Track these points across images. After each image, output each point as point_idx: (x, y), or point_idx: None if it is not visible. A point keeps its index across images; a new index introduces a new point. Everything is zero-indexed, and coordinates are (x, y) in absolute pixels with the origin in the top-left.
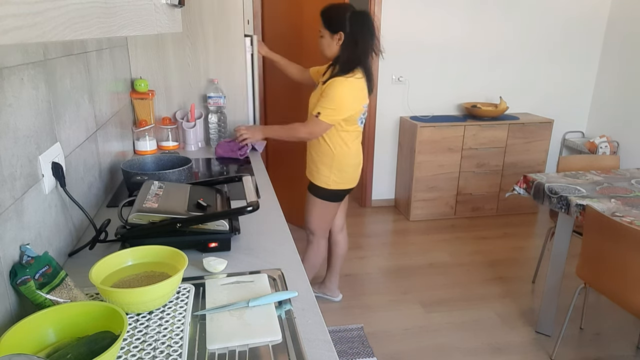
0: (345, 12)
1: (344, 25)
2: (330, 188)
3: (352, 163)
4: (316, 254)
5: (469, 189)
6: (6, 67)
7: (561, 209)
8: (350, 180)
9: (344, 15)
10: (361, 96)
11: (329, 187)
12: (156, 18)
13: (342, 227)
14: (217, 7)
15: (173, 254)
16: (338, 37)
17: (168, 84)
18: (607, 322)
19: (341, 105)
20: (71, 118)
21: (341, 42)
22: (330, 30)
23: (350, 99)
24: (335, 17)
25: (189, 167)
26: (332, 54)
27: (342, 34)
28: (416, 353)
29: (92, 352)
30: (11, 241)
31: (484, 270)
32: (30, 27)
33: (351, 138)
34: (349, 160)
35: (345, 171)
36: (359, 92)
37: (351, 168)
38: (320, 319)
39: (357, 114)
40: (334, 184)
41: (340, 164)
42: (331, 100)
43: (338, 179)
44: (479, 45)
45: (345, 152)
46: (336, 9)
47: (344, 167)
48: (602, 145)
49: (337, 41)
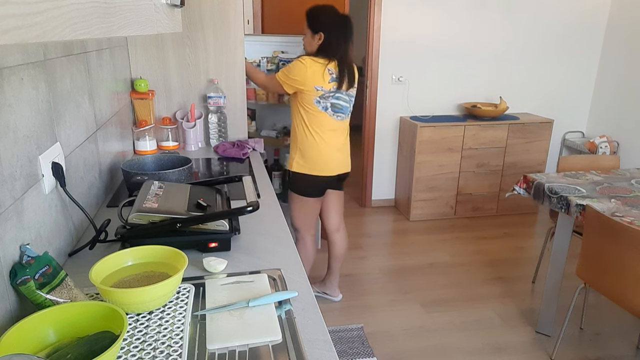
0: (327, 14)
1: (324, 26)
2: (293, 170)
3: (317, 149)
4: (304, 250)
5: (469, 189)
6: (6, 67)
7: (561, 209)
8: (314, 168)
9: (326, 17)
10: (312, 74)
11: (292, 169)
12: (156, 18)
13: (337, 227)
14: (217, 7)
15: (173, 254)
16: (318, 37)
17: (168, 84)
18: (607, 322)
19: (292, 71)
20: (71, 118)
21: (321, 41)
22: (312, 30)
23: (301, 69)
24: (317, 19)
25: (189, 167)
26: (312, 51)
27: (322, 34)
28: (416, 353)
29: (92, 352)
30: (11, 241)
31: (484, 270)
32: (30, 27)
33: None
34: (312, 144)
35: (311, 156)
36: (310, 68)
37: (317, 156)
38: (320, 319)
39: (309, 92)
40: (297, 166)
41: (303, 146)
42: (288, 68)
43: (302, 162)
44: (479, 45)
45: (308, 134)
46: (320, 11)
47: (308, 150)
48: (602, 145)
49: (317, 40)
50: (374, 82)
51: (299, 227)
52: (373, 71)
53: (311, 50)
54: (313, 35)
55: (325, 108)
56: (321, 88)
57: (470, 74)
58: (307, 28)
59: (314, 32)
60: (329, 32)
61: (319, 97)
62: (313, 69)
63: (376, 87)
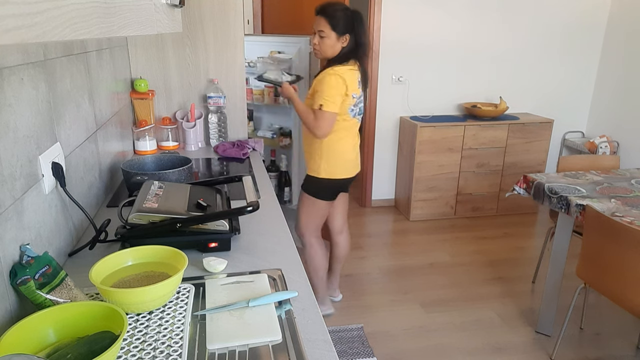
0: (349, 12)
1: (350, 26)
2: (320, 177)
3: (342, 152)
4: (313, 255)
5: (469, 189)
6: (6, 67)
7: (561, 209)
8: (341, 171)
9: (350, 16)
10: (350, 83)
11: (319, 176)
12: (156, 18)
13: (341, 229)
14: (217, 7)
15: (173, 254)
16: (344, 39)
17: (168, 84)
18: (607, 322)
19: (332, 92)
20: (71, 118)
21: (346, 43)
22: (337, 32)
23: (341, 84)
24: (341, 18)
25: (189, 167)
26: (333, 54)
27: (348, 35)
28: (416, 353)
29: (92, 352)
30: (11, 241)
31: (484, 270)
32: (30, 27)
33: (343, 128)
34: (338, 147)
35: (336, 160)
36: (348, 79)
37: (341, 159)
38: (320, 319)
39: (347, 102)
40: (325, 172)
41: (329, 151)
42: (327, 90)
43: (328, 167)
44: (479, 45)
45: (335, 140)
46: (341, 10)
47: (334, 155)
48: (602, 145)
49: (342, 42)
50: (374, 82)
51: (305, 231)
52: (373, 71)
53: (333, 54)
54: (339, 37)
55: (355, 114)
56: (356, 95)
57: (471, 74)
58: (330, 30)
59: (340, 34)
60: (357, 32)
61: (353, 105)
62: (350, 78)
63: (376, 87)
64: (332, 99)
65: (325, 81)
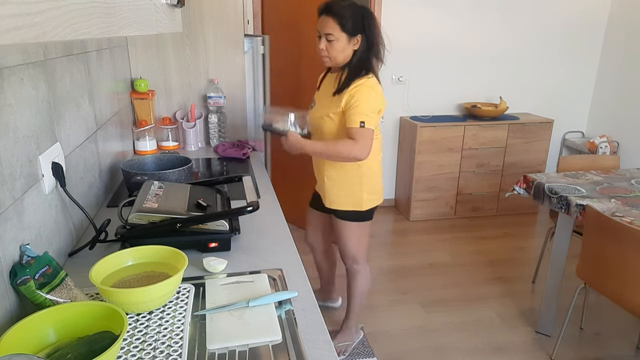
0: (358, 9)
1: (361, 25)
2: (363, 210)
3: (378, 173)
4: (365, 281)
5: (469, 189)
6: (6, 67)
7: (561, 209)
8: (380, 194)
9: (360, 13)
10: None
11: (362, 209)
12: (156, 18)
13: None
14: (217, 7)
15: (173, 254)
16: (356, 40)
17: (168, 84)
18: (607, 322)
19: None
20: (71, 118)
21: (358, 45)
22: (347, 33)
23: (377, 96)
24: (351, 17)
25: (189, 167)
26: (345, 59)
27: (360, 37)
28: (416, 353)
29: (92, 352)
30: (11, 241)
31: (484, 270)
32: (30, 27)
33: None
34: (375, 168)
35: (375, 185)
36: (380, 89)
37: (378, 182)
38: (320, 319)
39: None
40: (368, 203)
41: (370, 176)
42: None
43: (370, 195)
44: (479, 45)
45: (372, 160)
46: (349, 6)
47: (373, 179)
48: (602, 145)
49: (354, 45)
50: None
51: (358, 257)
52: None
53: (344, 59)
54: (349, 39)
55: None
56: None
57: (471, 74)
58: (340, 32)
59: (351, 35)
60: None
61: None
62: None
63: None
64: (372, 115)
65: (363, 95)
